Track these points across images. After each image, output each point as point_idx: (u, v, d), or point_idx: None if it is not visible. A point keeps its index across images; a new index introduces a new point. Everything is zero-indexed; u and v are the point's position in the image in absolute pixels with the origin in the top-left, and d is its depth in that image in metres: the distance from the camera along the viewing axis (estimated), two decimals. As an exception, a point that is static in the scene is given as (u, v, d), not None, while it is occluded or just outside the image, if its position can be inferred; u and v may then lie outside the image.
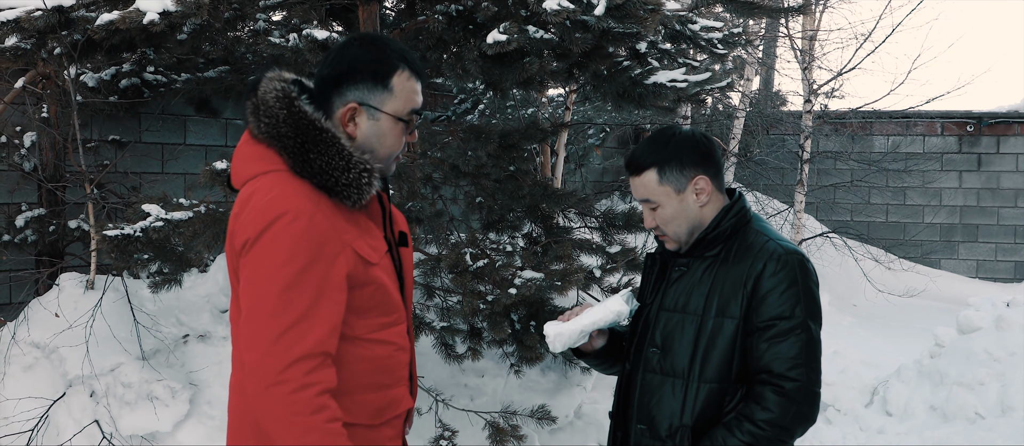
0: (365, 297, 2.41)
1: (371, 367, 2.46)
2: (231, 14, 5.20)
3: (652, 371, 2.80)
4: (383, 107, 2.43)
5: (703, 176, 2.79)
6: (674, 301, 2.80)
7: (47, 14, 4.63)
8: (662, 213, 2.80)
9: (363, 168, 2.37)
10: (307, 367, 2.25)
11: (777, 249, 2.72)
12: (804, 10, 6.30)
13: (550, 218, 6.02)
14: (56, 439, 5.12)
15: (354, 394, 2.43)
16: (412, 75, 2.47)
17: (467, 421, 5.74)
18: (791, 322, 2.66)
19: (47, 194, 6.57)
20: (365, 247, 2.41)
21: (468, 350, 5.57)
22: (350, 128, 2.44)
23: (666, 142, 2.80)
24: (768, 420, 2.64)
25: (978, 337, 7.85)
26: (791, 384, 2.63)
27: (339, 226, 2.36)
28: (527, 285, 5.01)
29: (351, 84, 2.43)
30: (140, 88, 6.18)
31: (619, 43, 5.16)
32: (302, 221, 2.29)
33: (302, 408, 2.24)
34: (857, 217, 14.49)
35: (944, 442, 7.06)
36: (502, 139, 5.46)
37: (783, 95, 14.18)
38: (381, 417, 2.50)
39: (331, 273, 2.31)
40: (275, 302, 2.26)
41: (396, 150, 2.49)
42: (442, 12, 5.11)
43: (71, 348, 5.30)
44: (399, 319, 2.53)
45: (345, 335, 2.39)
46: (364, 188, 2.37)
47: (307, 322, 2.27)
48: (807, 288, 2.70)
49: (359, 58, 2.45)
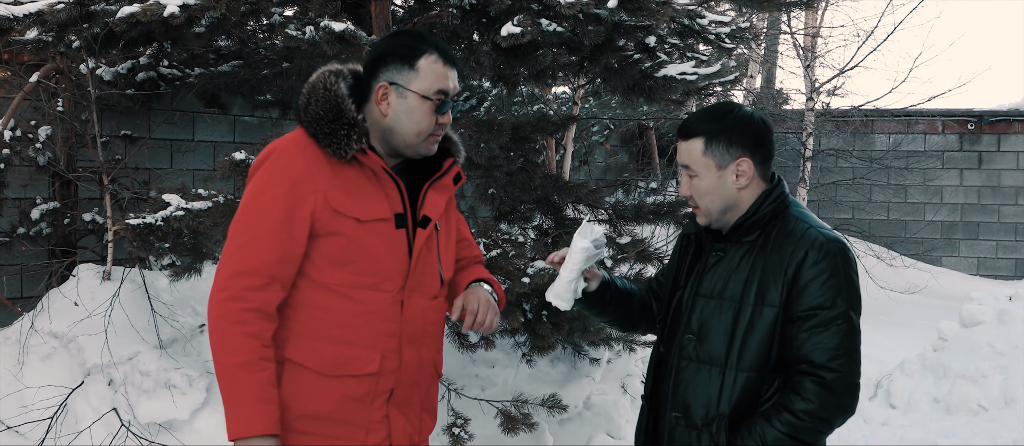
0: (336, 248, 2.60)
1: (332, 317, 2.62)
2: (247, 8, 5.27)
3: (688, 358, 2.78)
4: (410, 85, 2.65)
5: (748, 159, 2.76)
6: (711, 287, 2.78)
7: (69, 7, 4.70)
8: (698, 184, 2.79)
9: (348, 123, 2.61)
10: (247, 282, 2.53)
11: (819, 237, 2.69)
12: (811, 5, 6.36)
13: (560, 210, 6.09)
14: (75, 427, 5.19)
15: (312, 339, 2.62)
16: (441, 60, 2.68)
17: (479, 410, 5.81)
18: (833, 312, 2.62)
19: (61, 187, 6.65)
20: (342, 199, 2.60)
21: (481, 339, 5.64)
22: (383, 107, 2.67)
23: (722, 116, 2.79)
24: (808, 411, 2.61)
25: (981, 330, 7.93)
26: (832, 375, 2.60)
27: (318, 172, 2.60)
28: (539, 275, 5.09)
29: (383, 66, 2.67)
30: (156, 82, 6.25)
31: (629, 36, 5.23)
32: (283, 158, 2.60)
33: (227, 314, 2.52)
34: (859, 214, 14.56)
35: (947, 434, 7.13)
36: (514, 132, 5.53)
37: (785, 93, 14.24)
38: (335, 370, 2.62)
39: (297, 209, 2.56)
40: (240, 222, 2.60)
41: (425, 129, 2.67)
42: (456, 5, 5.19)
43: (89, 337, 5.37)
44: (382, 287, 2.65)
45: (316, 280, 2.62)
46: (342, 139, 2.59)
47: (260, 244, 2.55)
48: (848, 277, 2.67)
49: (392, 43, 2.72)
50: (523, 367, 6.42)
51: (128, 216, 4.56)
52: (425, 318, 2.75)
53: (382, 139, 2.71)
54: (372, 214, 2.64)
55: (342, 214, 2.60)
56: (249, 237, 2.57)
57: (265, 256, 2.55)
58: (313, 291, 2.62)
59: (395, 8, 6.22)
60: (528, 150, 5.77)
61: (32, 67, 6.34)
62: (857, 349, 2.66)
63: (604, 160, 12.44)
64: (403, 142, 2.69)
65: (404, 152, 2.72)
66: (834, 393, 2.60)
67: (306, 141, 2.64)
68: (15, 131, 6.23)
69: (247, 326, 2.52)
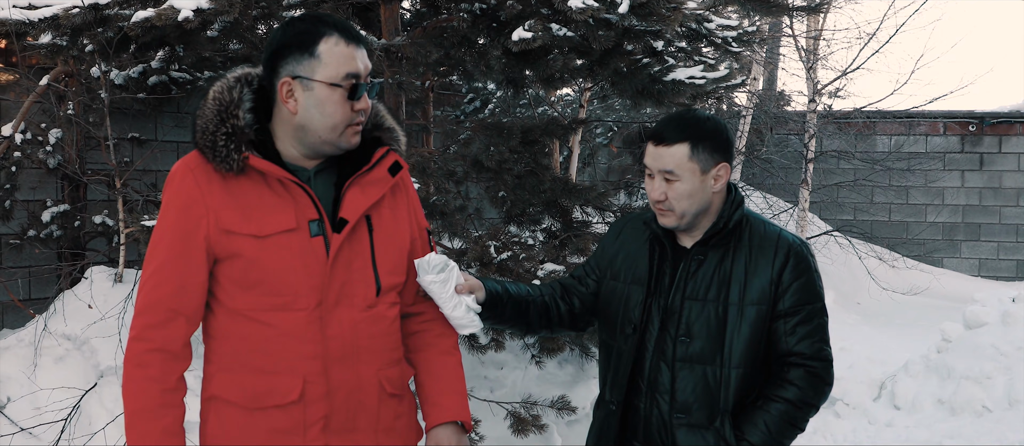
0: (239, 270, 2.40)
1: (247, 346, 2.42)
2: (258, 12, 5.31)
3: (681, 360, 2.83)
4: (314, 75, 2.38)
5: (726, 165, 2.87)
6: (695, 290, 2.85)
7: (84, 11, 4.75)
8: (680, 187, 2.82)
9: (228, 131, 2.37)
10: (147, 320, 2.37)
11: (794, 240, 2.88)
12: (818, 9, 6.41)
13: (568, 213, 6.13)
14: (89, 429, 5.22)
15: (231, 371, 2.43)
16: (343, 40, 2.40)
17: (489, 411, 5.85)
18: (814, 306, 2.86)
19: (71, 190, 6.69)
20: (235, 217, 2.39)
21: (491, 341, 5.69)
22: (290, 105, 2.41)
23: (701, 122, 2.85)
24: (801, 399, 2.81)
25: (984, 332, 7.98)
26: (821, 364, 2.83)
27: (210, 191, 2.39)
28: (550, 277, 5.13)
29: (282, 60, 2.40)
30: (168, 85, 6.29)
31: (638, 41, 5.27)
32: (174, 182, 2.42)
33: (131, 357, 2.38)
34: (861, 216, 14.61)
35: (952, 435, 7.18)
36: (524, 135, 5.58)
37: (787, 95, 14.29)
38: (257, 402, 2.41)
39: (191, 234, 2.38)
40: (147, 255, 2.44)
41: (340, 121, 2.42)
42: (467, 10, 5.23)
43: (102, 339, 5.40)
44: (293, 305, 2.42)
45: (228, 307, 2.43)
46: (220, 149, 2.36)
47: (157, 277, 2.39)
48: (817, 272, 2.90)
49: (285, 35, 2.43)
50: (531, 368, 6.46)
51: (143, 218, 4.59)
52: (357, 332, 2.47)
53: (297, 139, 2.45)
54: (273, 227, 2.40)
55: (236, 233, 2.38)
56: (150, 271, 2.41)
57: (162, 289, 2.37)
58: (227, 319, 2.43)
59: (403, 11, 6.27)
60: (537, 153, 5.81)
61: (41, 70, 6.38)
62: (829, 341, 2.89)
63: (608, 162, 12.48)
64: (319, 139, 2.43)
65: (322, 149, 2.46)
66: (822, 380, 2.83)
67: (197, 160, 2.42)
68: (26, 134, 6.27)
69: (148, 369, 2.35)
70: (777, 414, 2.80)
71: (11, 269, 6.61)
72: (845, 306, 12.14)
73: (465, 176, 5.81)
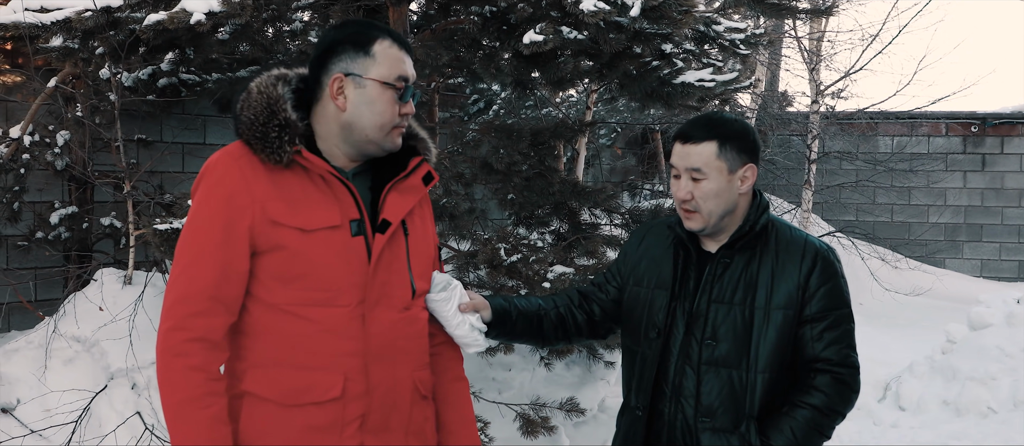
0: (281, 263, 2.39)
1: (287, 342, 2.41)
2: (269, 14, 5.32)
3: (708, 363, 2.83)
4: (367, 73, 2.44)
5: (753, 166, 2.87)
6: (721, 294, 2.84)
7: (96, 15, 4.76)
8: (706, 186, 2.82)
9: (280, 123, 2.39)
10: (187, 310, 2.32)
11: (821, 246, 2.87)
12: (830, 12, 6.43)
13: (576, 215, 6.14)
14: (99, 431, 5.23)
15: (268, 367, 2.41)
16: (395, 44, 2.48)
17: (497, 413, 5.86)
18: (841, 312, 2.84)
19: (78, 192, 6.70)
20: (282, 209, 2.39)
21: (501, 343, 5.70)
22: (339, 101, 2.45)
23: (729, 122, 2.88)
24: (829, 405, 2.78)
25: (989, 333, 8.00)
26: (847, 370, 2.81)
27: (255, 182, 2.38)
28: (560, 279, 5.14)
29: (335, 57, 2.46)
30: (178, 87, 6.30)
31: (648, 44, 5.29)
32: (217, 172, 2.40)
33: (170, 347, 2.32)
34: (863, 217, 14.63)
35: (957, 436, 7.19)
36: (533, 137, 5.59)
37: (790, 96, 14.31)
38: (295, 399, 2.40)
39: (234, 224, 2.35)
40: (181, 245, 2.39)
41: (388, 121, 2.47)
42: (477, 13, 5.24)
43: (112, 342, 5.41)
44: (335, 301, 2.42)
45: (266, 301, 2.41)
46: (272, 141, 2.38)
47: (198, 266, 2.34)
48: (844, 278, 2.87)
49: (340, 33, 2.50)
50: (539, 370, 6.47)
51: (154, 221, 4.60)
52: (395, 333, 2.50)
53: (342, 138, 2.48)
54: (318, 222, 2.41)
55: (282, 225, 2.38)
56: (188, 260, 2.36)
57: (205, 279, 2.34)
58: (265, 314, 2.41)
59: (412, 13, 6.28)
60: (545, 155, 5.83)
61: (49, 72, 6.39)
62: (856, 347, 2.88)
63: (611, 163, 12.50)
64: (365, 137, 2.46)
65: (366, 149, 2.49)
66: (849, 387, 2.81)
67: (241, 151, 2.42)
68: (33, 136, 6.28)
69: (190, 358, 2.31)
70: (803, 420, 2.77)
71: (19, 271, 6.62)
72: (848, 307, 12.11)
73: (474, 178, 5.82)
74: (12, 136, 6.16)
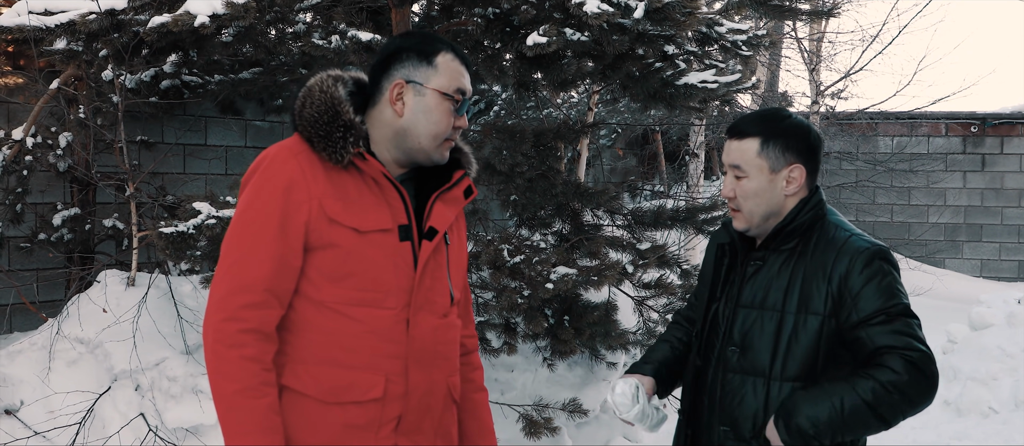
0: (334, 261, 2.41)
1: (331, 340, 2.43)
2: (272, 16, 5.33)
3: (732, 370, 2.72)
4: (428, 82, 2.48)
5: (801, 167, 2.73)
6: (752, 297, 2.73)
7: (101, 17, 4.76)
8: (747, 185, 2.73)
9: (344, 124, 2.43)
10: (243, 300, 2.34)
11: (861, 244, 2.66)
12: (832, 14, 6.43)
13: (578, 216, 6.15)
14: (103, 432, 5.24)
15: (310, 364, 2.43)
16: (457, 59, 2.53)
17: (500, 414, 5.86)
18: (896, 308, 2.59)
19: (80, 193, 6.70)
20: (338, 207, 2.42)
21: (503, 344, 5.71)
22: (397, 107, 2.49)
23: (780, 120, 2.75)
24: (895, 382, 2.52)
25: (990, 333, 8.02)
26: (917, 353, 2.53)
27: (313, 178, 2.41)
28: (563, 280, 5.15)
29: (397, 63, 2.50)
30: (180, 89, 6.31)
31: (652, 45, 5.29)
32: (275, 165, 2.41)
33: (223, 338, 2.32)
34: (863, 217, 14.65)
35: (959, 436, 7.20)
36: (536, 138, 5.60)
37: (790, 96, 14.33)
38: (335, 396, 2.42)
39: (291, 218, 2.38)
40: (234, 235, 2.41)
41: (443, 131, 2.50)
42: (480, 14, 5.25)
43: (116, 343, 5.42)
44: (383, 303, 2.44)
45: (312, 298, 2.43)
46: (338, 142, 2.41)
47: (255, 257, 2.36)
48: (895, 277, 2.65)
49: (405, 41, 2.55)
50: (541, 371, 6.48)
51: (160, 224, 4.61)
52: (436, 338, 2.53)
53: (395, 144, 2.51)
54: (372, 224, 2.44)
55: (339, 224, 2.40)
56: (243, 251, 2.38)
57: (261, 270, 2.36)
58: (310, 310, 2.43)
59: (414, 15, 6.29)
60: (548, 156, 5.83)
61: (51, 74, 6.40)
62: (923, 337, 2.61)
63: (612, 163, 12.51)
64: (418, 145, 2.49)
65: (417, 157, 2.51)
66: (922, 371, 2.52)
67: (300, 146, 2.45)
68: (36, 137, 6.28)
69: (244, 349, 2.32)
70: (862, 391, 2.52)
71: (21, 272, 6.62)
72: (848, 307, 12.14)
73: (476, 179, 5.82)
74: (15, 137, 6.16)
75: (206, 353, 2.35)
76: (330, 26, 5.31)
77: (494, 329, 5.71)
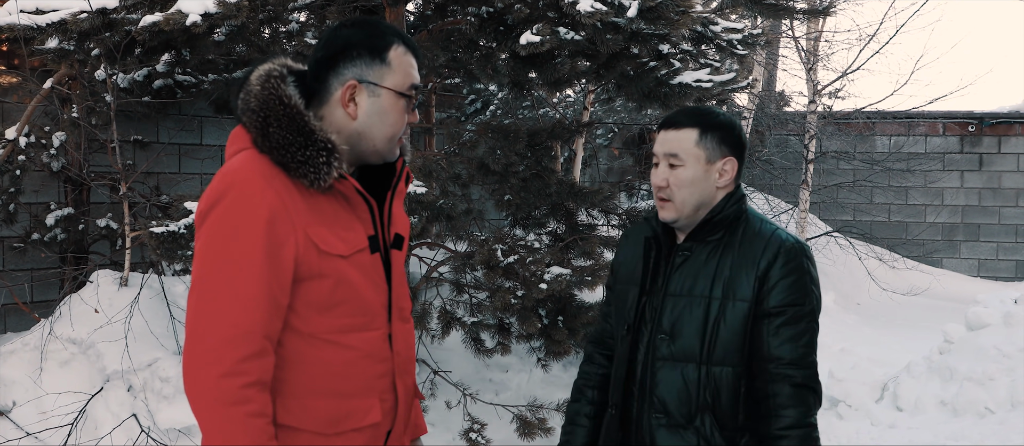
0: (323, 292, 2.25)
1: (326, 371, 2.28)
2: (265, 15, 5.31)
3: (663, 358, 2.75)
4: (383, 82, 2.30)
5: (734, 161, 2.78)
6: (680, 286, 2.75)
7: (92, 16, 4.74)
8: (682, 173, 2.76)
9: (324, 146, 2.22)
10: (243, 351, 2.13)
11: (788, 239, 2.75)
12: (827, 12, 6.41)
13: (573, 215, 6.13)
14: (95, 433, 5.22)
15: (304, 398, 2.27)
16: (407, 50, 2.35)
17: (494, 414, 5.85)
18: (802, 309, 2.70)
19: (74, 193, 6.68)
20: (325, 235, 2.24)
21: (497, 344, 5.69)
22: (350, 109, 2.30)
23: (715, 114, 2.80)
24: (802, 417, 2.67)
25: (987, 333, 7.98)
26: (803, 373, 2.68)
27: (293, 207, 2.21)
28: (557, 280, 5.13)
29: (348, 61, 2.29)
30: (173, 89, 6.29)
31: (646, 44, 5.27)
32: (248, 194, 2.17)
33: (225, 396, 2.11)
34: (860, 216, 14.63)
35: (955, 436, 7.17)
36: (531, 138, 5.58)
37: (787, 95, 14.32)
38: (336, 427, 2.30)
39: (278, 254, 2.18)
40: (215, 274, 2.16)
41: (398, 130, 2.36)
42: (474, 14, 5.23)
43: (108, 343, 5.40)
44: (371, 325, 2.34)
45: (301, 331, 2.26)
46: (322, 167, 2.22)
47: (247, 301, 2.14)
48: (813, 277, 2.75)
49: (354, 35, 2.32)
50: (536, 371, 6.46)
51: (151, 224, 4.59)
52: (408, 343, 2.48)
53: (347, 146, 2.30)
54: (353, 245, 2.30)
55: (327, 253, 2.24)
56: (232, 294, 2.14)
57: (256, 314, 2.15)
58: (299, 344, 2.26)
59: (408, 14, 6.27)
60: (542, 156, 5.81)
61: (44, 73, 6.38)
62: (816, 346, 2.74)
63: (608, 164, 12.49)
64: (373, 147, 2.34)
65: (369, 159, 2.36)
66: (809, 390, 2.68)
67: (271, 171, 2.21)
68: (29, 137, 6.26)
69: (250, 405, 2.12)
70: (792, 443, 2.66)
71: (15, 272, 6.60)
72: (845, 307, 12.15)
73: (470, 179, 5.81)
74: (8, 137, 6.15)
75: (200, 410, 2.14)
76: (323, 25, 5.28)
77: (488, 329, 5.70)
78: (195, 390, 2.14)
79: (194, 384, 2.14)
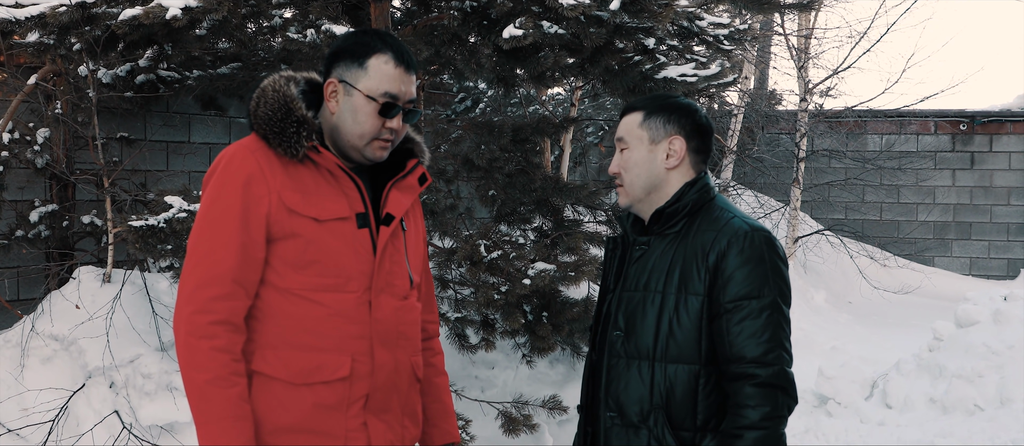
0: (296, 250, 2.53)
1: (300, 325, 2.53)
2: (247, 10, 5.28)
3: (617, 355, 2.70)
4: (357, 84, 2.59)
5: (681, 139, 2.71)
6: (635, 280, 2.70)
7: (71, 9, 4.70)
8: (628, 155, 2.74)
9: (300, 121, 2.55)
10: (212, 293, 2.46)
11: (742, 226, 2.63)
12: (810, 7, 6.39)
13: (559, 212, 6.11)
14: (76, 430, 5.19)
15: (280, 349, 2.53)
16: (394, 61, 2.60)
17: (480, 411, 5.83)
18: (761, 301, 2.57)
19: (59, 190, 6.64)
20: (297, 199, 2.53)
21: (482, 341, 5.66)
22: (331, 104, 2.62)
23: (667, 98, 2.79)
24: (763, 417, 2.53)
25: (976, 330, 7.97)
26: (767, 371, 2.54)
27: (271, 173, 2.53)
28: (540, 276, 5.10)
29: (336, 62, 2.63)
30: (156, 84, 6.25)
31: (630, 38, 5.25)
32: (234, 162, 2.53)
33: (195, 329, 2.44)
34: (852, 215, 14.63)
35: (944, 434, 7.16)
36: (515, 133, 5.55)
37: (778, 94, 14.30)
38: (304, 378, 2.52)
39: (251, 211, 2.50)
40: (198, 232, 2.53)
41: (368, 132, 2.59)
42: (457, 8, 5.20)
43: (90, 340, 5.36)
44: (346, 287, 2.56)
45: (278, 286, 2.54)
46: (292, 137, 2.53)
47: (221, 252, 2.48)
48: (775, 265, 2.61)
49: (346, 41, 2.66)
50: (522, 368, 6.44)
51: (130, 218, 4.56)
52: (398, 318, 2.64)
53: (332, 139, 2.64)
54: (330, 213, 2.56)
55: (298, 214, 2.53)
56: (209, 246, 2.50)
57: (227, 262, 2.48)
58: (276, 298, 2.54)
59: (394, 10, 6.24)
60: (528, 152, 5.79)
61: (29, 69, 6.33)
62: (788, 338, 2.61)
63: (598, 161, 12.48)
64: (347, 143, 2.60)
65: (349, 154, 2.63)
66: (777, 388, 2.54)
67: (257, 144, 2.56)
68: (13, 133, 6.22)
69: (215, 340, 2.43)
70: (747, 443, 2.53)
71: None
72: (837, 305, 12.15)
73: (456, 175, 5.78)
74: (-9, 134, 6.10)
75: (177, 345, 2.46)
76: (307, 20, 5.25)
77: (472, 325, 5.68)
78: (175, 326, 2.49)
79: (175, 321, 2.50)
